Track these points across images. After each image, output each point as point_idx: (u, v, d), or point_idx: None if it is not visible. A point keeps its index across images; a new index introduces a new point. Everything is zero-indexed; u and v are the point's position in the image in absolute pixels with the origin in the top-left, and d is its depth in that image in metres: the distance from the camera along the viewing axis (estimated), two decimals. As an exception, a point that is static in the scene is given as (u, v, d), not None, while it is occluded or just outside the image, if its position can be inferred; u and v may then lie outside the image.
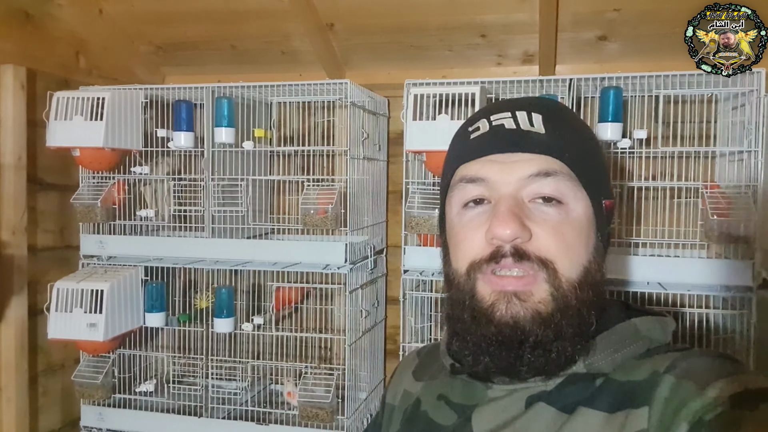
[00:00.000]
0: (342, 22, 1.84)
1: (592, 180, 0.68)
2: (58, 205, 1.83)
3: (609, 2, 1.63)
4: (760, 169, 1.44)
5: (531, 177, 0.66)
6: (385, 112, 2.01)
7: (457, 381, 0.74)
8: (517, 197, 0.65)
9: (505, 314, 0.64)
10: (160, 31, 1.96)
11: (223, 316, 1.76)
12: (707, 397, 0.55)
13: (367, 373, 1.93)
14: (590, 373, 0.65)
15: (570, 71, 1.88)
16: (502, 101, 0.77)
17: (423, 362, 0.86)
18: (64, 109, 1.67)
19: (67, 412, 1.88)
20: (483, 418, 0.68)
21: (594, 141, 0.74)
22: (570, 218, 0.66)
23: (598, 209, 0.69)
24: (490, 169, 0.67)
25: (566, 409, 0.63)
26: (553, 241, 0.64)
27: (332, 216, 1.65)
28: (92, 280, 1.70)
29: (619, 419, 0.60)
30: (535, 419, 0.64)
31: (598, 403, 0.62)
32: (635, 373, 0.63)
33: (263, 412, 1.82)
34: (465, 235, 0.68)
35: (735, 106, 1.61)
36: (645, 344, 0.67)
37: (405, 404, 0.81)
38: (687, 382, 0.57)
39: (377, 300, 2.00)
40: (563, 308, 0.64)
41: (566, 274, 0.64)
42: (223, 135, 1.73)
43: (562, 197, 0.66)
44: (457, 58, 1.91)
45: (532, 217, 0.65)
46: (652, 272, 1.52)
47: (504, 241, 0.64)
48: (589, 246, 0.67)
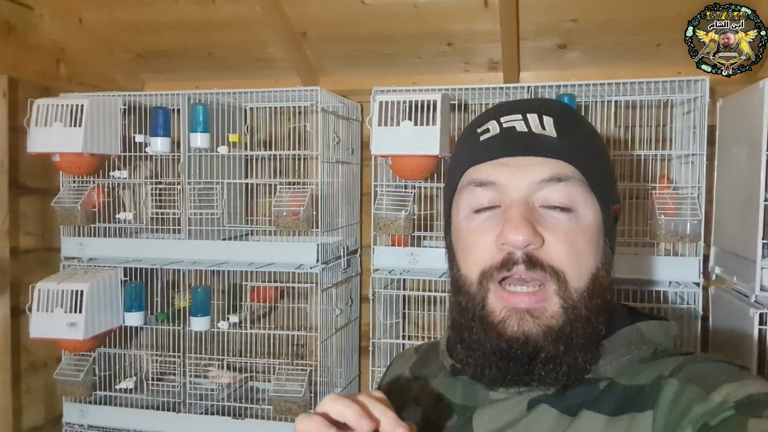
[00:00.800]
0: (314, 30, 1.91)
1: (601, 185, 0.67)
2: (39, 209, 1.89)
3: (567, 13, 1.71)
4: (704, 171, 1.52)
5: (543, 182, 0.64)
6: (358, 117, 2.09)
7: (458, 381, 0.73)
8: (528, 202, 0.64)
9: (516, 331, 0.63)
10: (139, 39, 2.03)
11: (200, 315, 1.83)
12: (712, 402, 0.54)
13: (342, 369, 2.00)
14: (594, 377, 0.64)
15: (533, 78, 1.96)
16: (511, 102, 0.74)
17: (421, 360, 0.85)
18: (44, 116, 1.73)
19: (49, 409, 1.94)
20: (484, 419, 0.67)
21: (602, 145, 0.73)
22: (580, 225, 0.65)
23: (607, 214, 0.68)
24: (501, 172, 0.65)
25: (569, 412, 0.63)
26: (564, 249, 0.63)
27: (304, 218, 1.72)
28: (72, 281, 1.76)
29: (623, 423, 0.59)
30: (537, 421, 0.63)
31: (602, 407, 0.62)
32: (640, 377, 0.63)
33: (239, 408, 1.88)
34: (474, 240, 0.66)
35: (685, 111, 1.69)
36: (650, 349, 0.66)
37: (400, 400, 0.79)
38: (692, 386, 0.57)
39: (351, 299, 2.07)
40: (573, 320, 0.63)
41: (576, 284, 0.63)
42: (198, 140, 1.80)
43: (573, 204, 0.64)
44: (425, 65, 1.98)
45: (543, 223, 0.63)
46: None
47: (516, 247, 0.62)
48: (598, 252, 0.66)
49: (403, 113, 1.59)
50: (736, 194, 1.64)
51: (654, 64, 1.83)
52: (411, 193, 1.71)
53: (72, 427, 1.93)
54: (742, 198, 1.58)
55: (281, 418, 1.78)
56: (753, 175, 1.49)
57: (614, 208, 0.71)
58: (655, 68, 1.83)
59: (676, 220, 1.49)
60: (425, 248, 1.76)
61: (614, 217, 0.71)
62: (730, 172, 1.71)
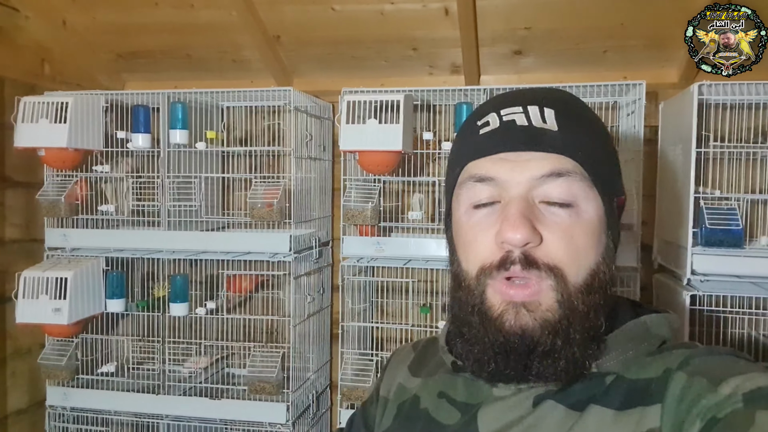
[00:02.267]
0: (288, 34, 2.03)
1: (604, 178, 0.66)
2: (24, 201, 1.98)
3: (520, 21, 1.85)
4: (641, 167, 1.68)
5: (543, 177, 0.63)
6: (329, 116, 2.21)
7: (459, 378, 0.72)
8: (528, 198, 0.63)
9: (514, 325, 0.62)
10: (120, 40, 2.13)
11: (178, 301, 1.94)
12: (720, 394, 0.54)
13: (313, 354, 2.12)
14: (600, 372, 0.64)
15: (493, 81, 2.10)
16: (512, 92, 0.71)
17: (419, 357, 0.84)
18: (30, 113, 1.83)
19: (34, 393, 2.03)
20: (489, 416, 0.66)
21: (606, 135, 0.71)
22: (581, 220, 0.64)
23: (610, 208, 0.66)
24: (500, 168, 0.64)
25: (577, 407, 0.62)
26: (562, 246, 0.62)
27: (277, 209, 1.84)
28: (57, 269, 1.86)
29: (632, 417, 0.59)
30: (544, 417, 0.63)
31: (610, 401, 0.61)
32: (647, 370, 0.62)
33: (217, 389, 2.00)
34: (474, 236, 0.66)
35: (629, 112, 1.85)
36: (656, 342, 0.66)
37: (400, 399, 0.79)
38: (700, 379, 0.57)
39: (323, 287, 2.19)
40: (570, 314, 0.62)
41: (573, 279, 0.62)
42: (177, 136, 1.91)
43: (574, 199, 0.63)
44: (392, 68, 2.12)
45: (542, 220, 0.63)
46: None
47: (514, 245, 0.62)
48: (599, 247, 0.65)
49: (369, 112, 1.72)
50: (673, 189, 1.80)
51: (601, 69, 1.99)
52: (377, 186, 1.84)
53: (55, 409, 2.02)
54: (678, 192, 1.74)
55: (255, 397, 1.90)
56: (686, 171, 1.64)
57: (618, 200, 0.70)
58: (602, 73, 1.99)
59: (615, 211, 1.64)
60: (391, 238, 1.89)
61: (619, 209, 0.70)
62: (669, 169, 1.87)
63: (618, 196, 0.70)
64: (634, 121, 1.76)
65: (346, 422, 0.91)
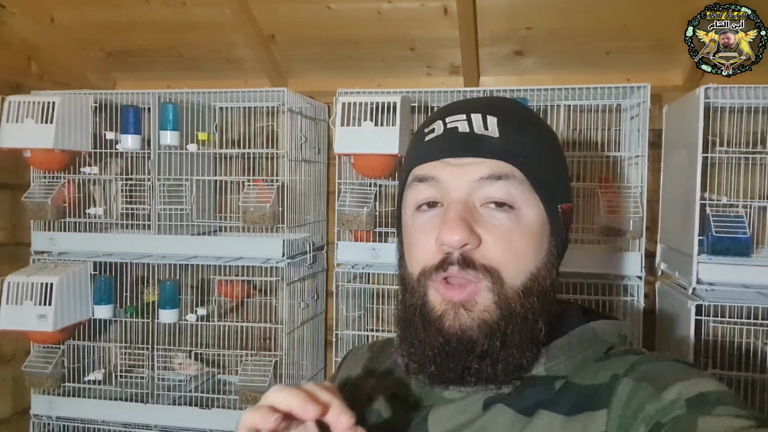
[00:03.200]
0: (282, 33, 1.97)
1: (546, 184, 0.68)
2: (9, 204, 1.92)
3: (522, 21, 1.80)
4: (645, 171, 1.63)
5: (482, 180, 0.65)
6: (325, 118, 2.16)
7: (412, 380, 0.73)
8: (468, 202, 0.65)
9: (453, 324, 0.64)
10: (110, 38, 2.07)
11: (168, 307, 1.88)
12: (664, 400, 0.55)
13: (308, 361, 2.07)
14: (549, 376, 0.65)
15: (493, 83, 2.05)
16: (459, 102, 0.74)
17: (375, 358, 0.84)
18: (15, 112, 1.77)
19: (17, 401, 1.97)
20: (439, 419, 0.67)
21: (552, 144, 0.73)
22: (521, 224, 0.65)
23: (553, 214, 0.68)
24: (441, 170, 0.67)
25: (526, 412, 0.63)
26: (501, 248, 0.64)
27: (270, 213, 1.79)
28: (42, 274, 1.80)
29: (579, 422, 0.60)
30: (494, 421, 0.64)
31: (558, 406, 0.62)
32: (595, 376, 0.63)
33: (207, 398, 1.94)
34: (417, 239, 0.68)
35: (632, 115, 1.80)
36: (603, 347, 0.68)
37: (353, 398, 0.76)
38: (645, 385, 0.58)
39: (317, 293, 2.14)
40: (508, 316, 0.63)
41: (510, 281, 0.64)
42: (168, 138, 1.85)
43: (513, 202, 0.65)
44: (389, 68, 2.06)
45: (482, 223, 0.64)
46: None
47: (452, 247, 0.63)
48: (540, 252, 0.67)
49: (365, 114, 1.67)
50: (678, 195, 1.75)
51: (603, 71, 1.94)
52: (372, 190, 1.79)
53: (40, 419, 1.96)
54: (683, 198, 1.68)
55: (247, 407, 1.84)
56: (691, 177, 1.59)
57: (563, 208, 0.70)
58: (604, 75, 1.94)
59: (618, 217, 1.59)
60: (387, 243, 1.83)
61: (565, 217, 0.71)
62: (674, 174, 1.82)
63: (563, 203, 0.70)
64: (638, 124, 1.71)
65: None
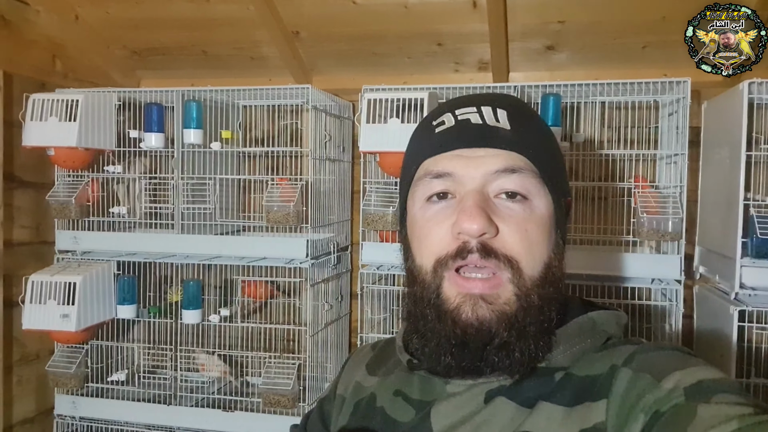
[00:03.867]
0: (307, 30, 1.94)
1: (553, 177, 0.69)
2: (34, 202, 1.91)
3: (554, 15, 1.74)
4: (686, 170, 1.56)
5: (497, 173, 0.65)
6: (350, 116, 2.11)
7: (415, 376, 0.73)
8: (483, 192, 0.65)
9: (470, 316, 0.63)
10: (134, 36, 2.05)
11: (191, 308, 1.85)
12: (663, 389, 0.55)
13: (332, 364, 2.03)
14: (549, 368, 0.65)
15: (523, 78, 1.99)
16: (466, 96, 0.74)
17: (378, 356, 0.85)
18: (39, 111, 1.76)
19: (41, 401, 1.96)
20: (442, 413, 0.67)
21: (554, 139, 0.75)
22: (534, 215, 0.66)
23: (559, 206, 0.69)
24: (456, 163, 0.66)
25: (526, 404, 0.63)
26: (518, 238, 0.64)
27: (294, 213, 1.75)
28: (66, 274, 1.79)
29: (579, 413, 0.60)
30: (495, 414, 0.64)
31: (559, 398, 0.62)
32: (594, 366, 0.64)
33: (230, 401, 1.91)
34: (430, 229, 0.67)
35: (670, 112, 1.72)
36: (602, 338, 0.68)
37: (357, 397, 0.80)
38: (644, 374, 0.58)
39: (341, 294, 2.10)
40: (527, 307, 0.64)
41: (530, 272, 0.64)
42: (192, 136, 1.83)
43: (527, 193, 0.66)
44: (416, 65, 2.01)
45: (497, 213, 0.64)
46: (589, 265, 1.63)
47: (471, 235, 0.63)
48: (550, 242, 0.67)
49: (391, 111, 1.62)
50: (719, 195, 1.67)
51: (640, 66, 1.86)
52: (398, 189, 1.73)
53: (63, 419, 1.95)
54: (724, 198, 1.61)
55: (270, 410, 1.81)
56: (734, 176, 1.52)
57: (566, 201, 0.73)
58: (640, 70, 1.87)
59: (658, 218, 1.52)
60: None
61: (566, 210, 0.73)
62: (714, 173, 1.74)
63: (565, 197, 0.73)
64: (677, 121, 1.64)
65: (301, 419, 0.91)
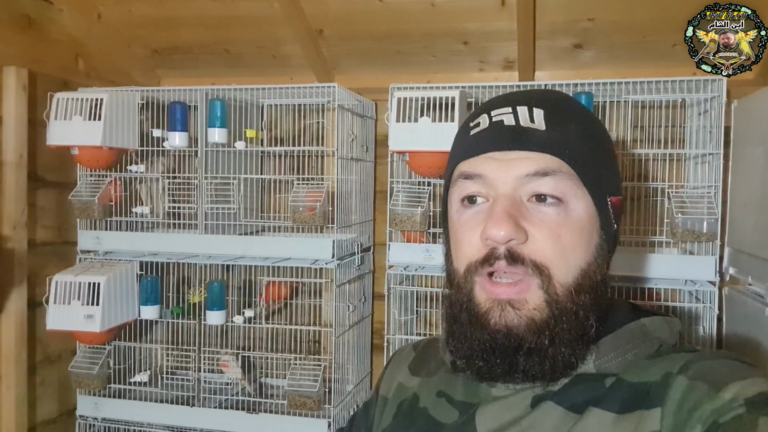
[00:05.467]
0: (331, 28, 1.92)
1: (594, 176, 0.66)
2: (56, 202, 1.90)
3: (583, 12, 1.72)
4: (720, 170, 1.53)
5: (529, 176, 0.64)
6: (373, 115, 2.10)
7: (459, 378, 0.72)
8: (515, 196, 0.64)
9: (499, 322, 0.63)
10: (156, 35, 2.04)
11: (215, 309, 1.84)
12: (722, 399, 0.54)
13: (353, 366, 2.01)
14: (599, 374, 0.64)
15: (548, 77, 1.97)
16: (505, 94, 0.73)
17: (420, 356, 0.84)
18: (63, 110, 1.75)
19: (63, 402, 1.95)
20: (487, 416, 0.66)
21: (600, 135, 0.71)
22: (569, 218, 0.64)
23: (602, 207, 0.67)
24: (488, 166, 0.66)
25: (575, 409, 0.62)
26: (549, 243, 0.63)
27: (320, 213, 1.73)
28: (89, 274, 1.77)
29: (631, 420, 0.59)
30: (542, 418, 0.63)
31: (609, 404, 0.61)
32: (647, 373, 0.62)
33: (253, 402, 1.89)
34: (463, 234, 0.67)
35: (701, 111, 1.70)
36: (655, 344, 0.66)
37: (400, 398, 0.79)
38: (701, 383, 0.56)
39: (364, 296, 2.08)
40: (558, 314, 0.62)
41: (561, 279, 0.63)
42: (216, 135, 1.81)
43: (562, 195, 0.64)
44: (440, 63, 1.99)
45: (529, 218, 0.63)
46: (620, 267, 1.60)
47: (497, 242, 0.62)
48: (590, 246, 0.65)
49: (421, 110, 1.60)
50: (752, 194, 1.64)
51: (669, 65, 1.84)
52: (427, 190, 1.72)
53: (86, 420, 1.94)
54: (758, 198, 1.58)
55: (295, 412, 1.79)
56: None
57: (613, 200, 0.69)
58: (670, 68, 1.84)
59: (693, 219, 1.49)
60: (440, 245, 1.76)
61: (615, 209, 0.69)
62: (746, 173, 1.71)
63: (612, 195, 0.69)
64: (709, 120, 1.61)
65: (347, 422, 0.90)
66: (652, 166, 1.83)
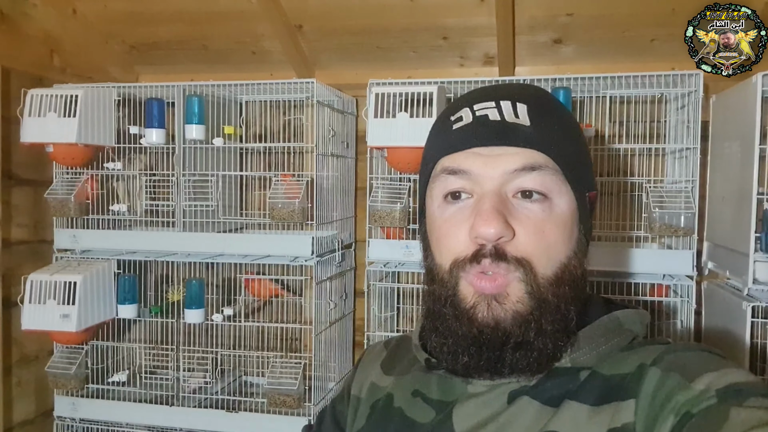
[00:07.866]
0: (310, 23, 1.90)
1: (576, 173, 0.67)
2: (32, 200, 1.87)
3: (562, 7, 1.71)
4: (698, 165, 1.54)
5: (516, 171, 0.64)
6: (353, 111, 2.08)
7: (433, 376, 0.72)
8: (501, 193, 0.64)
9: (486, 316, 0.63)
10: (133, 30, 2.01)
11: (194, 307, 1.82)
12: (694, 390, 0.55)
13: (336, 363, 2.00)
14: (574, 367, 0.64)
15: (528, 72, 1.96)
16: (485, 88, 0.72)
17: (392, 355, 0.83)
18: (38, 106, 1.72)
19: (40, 403, 1.92)
20: (464, 414, 0.66)
21: (578, 131, 0.72)
22: (553, 214, 0.64)
23: (582, 202, 0.68)
24: (473, 162, 0.65)
25: (551, 403, 0.63)
26: (533, 240, 0.63)
27: (299, 210, 1.72)
28: (65, 273, 1.75)
29: (606, 412, 0.59)
30: (519, 414, 0.63)
31: (584, 397, 0.62)
32: (621, 366, 0.63)
33: (233, 401, 1.88)
34: (448, 230, 0.66)
35: (679, 106, 1.70)
36: (628, 337, 0.67)
37: (373, 398, 0.78)
38: (674, 374, 0.57)
39: (345, 293, 2.07)
40: (541, 305, 0.63)
41: (542, 271, 0.63)
42: (193, 132, 1.79)
43: (547, 192, 0.64)
44: (421, 59, 1.98)
45: (515, 214, 0.63)
46: (600, 262, 1.61)
47: (488, 240, 0.62)
48: (571, 241, 0.66)
49: (399, 105, 1.59)
50: (729, 189, 1.65)
51: (648, 60, 1.84)
52: (406, 185, 1.71)
53: (63, 420, 1.91)
54: (735, 193, 1.59)
55: (275, 411, 1.78)
56: (746, 170, 1.50)
57: (590, 195, 0.70)
58: (649, 63, 1.84)
59: (670, 214, 1.50)
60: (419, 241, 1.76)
61: (590, 204, 0.71)
62: (723, 168, 1.72)
63: (589, 191, 0.70)
64: (686, 115, 1.62)
65: (315, 419, 0.89)
66: (632, 161, 1.84)
